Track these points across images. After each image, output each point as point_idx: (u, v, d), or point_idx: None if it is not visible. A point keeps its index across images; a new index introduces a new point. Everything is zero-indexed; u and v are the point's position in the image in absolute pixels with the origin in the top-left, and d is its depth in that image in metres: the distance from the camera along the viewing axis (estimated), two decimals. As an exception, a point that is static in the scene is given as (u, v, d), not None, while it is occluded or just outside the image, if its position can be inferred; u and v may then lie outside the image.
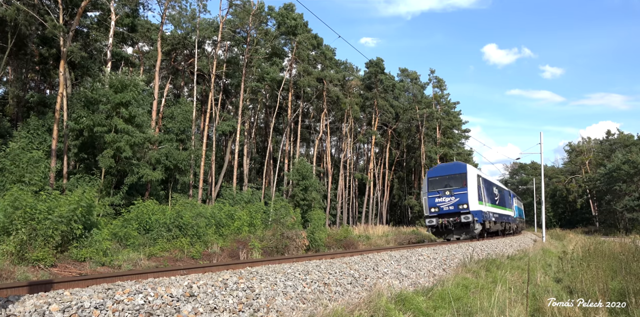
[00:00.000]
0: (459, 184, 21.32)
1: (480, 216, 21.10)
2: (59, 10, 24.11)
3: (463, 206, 20.70)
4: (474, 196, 20.90)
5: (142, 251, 13.99)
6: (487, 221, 22.59)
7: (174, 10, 35.50)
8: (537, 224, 59.75)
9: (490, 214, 23.63)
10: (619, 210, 63.17)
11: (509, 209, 31.61)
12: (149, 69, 38.33)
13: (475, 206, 20.82)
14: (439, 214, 21.36)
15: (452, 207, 20.99)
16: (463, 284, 9.56)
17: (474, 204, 20.78)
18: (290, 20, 41.50)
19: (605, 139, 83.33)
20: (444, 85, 67.37)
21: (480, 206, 21.37)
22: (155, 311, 4.75)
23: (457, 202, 20.91)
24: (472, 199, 20.80)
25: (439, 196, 21.42)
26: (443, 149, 60.62)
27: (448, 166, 23.14)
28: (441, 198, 21.37)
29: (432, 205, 21.58)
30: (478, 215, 20.85)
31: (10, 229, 11.50)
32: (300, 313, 6.03)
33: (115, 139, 19.98)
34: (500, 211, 27.09)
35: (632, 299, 7.96)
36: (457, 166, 22.53)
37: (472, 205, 20.69)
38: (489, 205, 23.57)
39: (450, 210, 21.05)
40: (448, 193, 21.25)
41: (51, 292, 4.85)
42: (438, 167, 23.77)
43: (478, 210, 20.93)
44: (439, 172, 22.56)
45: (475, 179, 21.49)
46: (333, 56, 51.43)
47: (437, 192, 21.55)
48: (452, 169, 22.35)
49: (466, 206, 20.68)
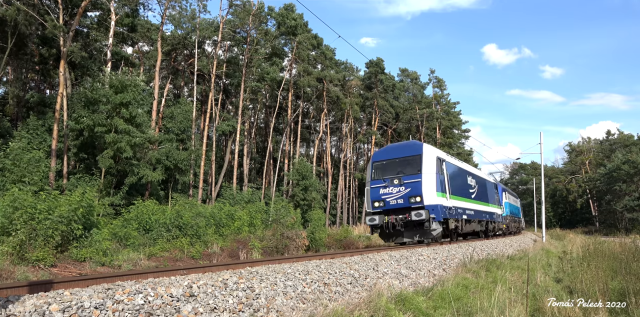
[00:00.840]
0: (413, 169, 16.32)
1: (441, 212, 16.03)
2: (59, 10, 24.12)
3: (415, 199, 15.80)
4: (431, 185, 15.98)
5: (142, 251, 13.99)
6: (453, 219, 17.53)
7: (174, 10, 35.53)
8: (537, 224, 59.75)
9: (458, 210, 18.40)
10: (619, 210, 63.20)
11: (494, 206, 26.19)
12: (149, 69, 38.33)
13: (432, 198, 15.88)
14: (385, 209, 16.41)
15: (402, 200, 16.07)
16: (463, 284, 9.56)
17: (431, 196, 15.87)
18: (290, 21, 41.51)
19: (605, 139, 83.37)
20: (444, 85, 67.45)
21: (441, 198, 16.38)
22: (155, 311, 4.75)
23: (408, 194, 15.98)
24: (428, 189, 15.88)
25: (385, 186, 16.42)
26: (443, 149, 60.62)
27: (399, 146, 18.19)
28: (388, 189, 16.39)
29: (376, 198, 16.58)
30: (437, 211, 15.78)
31: (10, 229, 11.50)
32: (300, 313, 6.03)
33: (116, 140, 19.98)
34: (477, 207, 21.63)
35: (632, 299, 7.96)
36: (411, 146, 17.52)
37: (427, 197, 15.79)
38: (457, 198, 18.48)
39: (399, 204, 16.13)
40: (397, 182, 16.19)
41: (51, 292, 4.85)
42: (387, 148, 18.55)
43: (437, 204, 15.85)
44: (387, 155, 17.43)
45: (433, 163, 16.49)
46: (333, 56, 51.45)
47: (383, 180, 16.50)
48: (404, 150, 17.28)
49: (419, 198, 15.75)
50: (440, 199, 16.32)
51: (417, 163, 16.35)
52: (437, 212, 15.82)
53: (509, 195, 35.79)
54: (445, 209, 16.62)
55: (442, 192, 16.75)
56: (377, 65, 52.11)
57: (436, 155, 17.04)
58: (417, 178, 16.02)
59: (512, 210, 35.84)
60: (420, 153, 16.53)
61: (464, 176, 20.58)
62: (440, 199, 16.32)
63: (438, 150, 18.29)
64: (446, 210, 16.70)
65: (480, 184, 23.15)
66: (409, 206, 15.97)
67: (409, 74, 62.49)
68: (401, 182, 16.20)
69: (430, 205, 15.76)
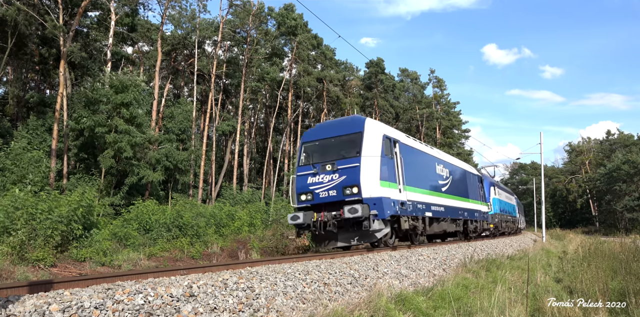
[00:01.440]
0: (350, 151, 12.45)
1: (387, 207, 11.98)
2: (59, 10, 24.13)
3: (351, 190, 11.96)
4: (373, 172, 12.03)
5: (142, 251, 14.00)
6: (408, 216, 13.45)
7: (174, 10, 35.58)
8: (537, 224, 59.76)
9: (419, 206, 14.35)
10: (619, 210, 63.22)
11: (477, 202, 21.83)
12: (149, 69, 38.35)
13: (374, 189, 11.89)
14: (314, 204, 12.46)
15: (334, 192, 12.21)
16: (463, 284, 9.57)
17: (372, 186, 11.89)
18: (290, 21, 41.52)
19: (605, 139, 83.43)
20: (444, 85, 67.52)
21: (388, 190, 12.35)
22: (155, 311, 4.75)
23: (342, 183, 12.12)
24: (369, 177, 11.95)
25: (315, 174, 12.50)
26: (443, 149, 60.66)
27: (337, 122, 14.08)
28: (318, 177, 12.48)
29: (303, 189, 12.63)
30: (380, 205, 11.75)
31: (11, 229, 11.51)
32: (300, 313, 6.03)
33: (116, 140, 20.00)
34: (450, 203, 17.64)
35: (632, 299, 7.96)
36: (350, 122, 13.45)
37: (367, 187, 11.83)
38: (418, 191, 14.48)
39: (332, 197, 12.24)
40: (330, 168, 12.33)
41: (51, 292, 4.85)
42: (322, 125, 14.54)
43: (380, 197, 11.84)
44: (320, 134, 13.45)
45: (379, 143, 12.45)
46: (333, 56, 51.46)
47: (313, 166, 12.60)
48: (342, 127, 13.27)
49: (356, 189, 11.88)
50: (387, 190, 12.26)
51: (357, 143, 12.37)
52: (381, 207, 11.72)
53: (501, 191, 31.77)
54: (395, 203, 12.55)
55: (391, 181, 12.65)
56: (377, 65, 52.13)
57: (383, 133, 12.84)
58: (354, 163, 12.04)
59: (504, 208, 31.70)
60: (361, 130, 12.50)
61: (431, 164, 16.53)
62: (387, 190, 12.26)
63: (389, 127, 14.07)
64: (396, 205, 12.58)
65: (455, 175, 19.12)
66: (343, 199, 12.05)
67: (409, 74, 62.53)
68: (334, 168, 12.23)
69: (370, 198, 11.74)
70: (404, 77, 62.84)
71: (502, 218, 29.76)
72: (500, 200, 30.55)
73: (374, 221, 11.71)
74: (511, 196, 38.52)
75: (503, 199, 32.00)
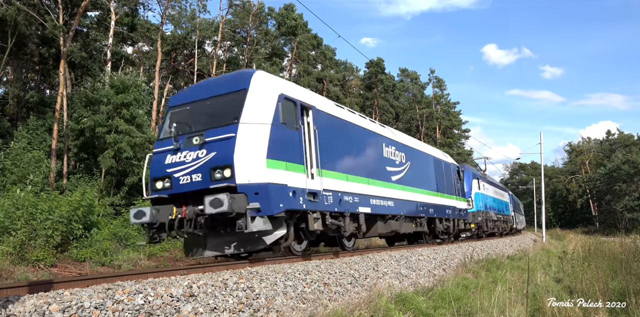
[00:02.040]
0: (227, 117, 8.73)
1: (277, 198, 8.32)
2: (59, 10, 24.13)
3: (222, 173, 8.23)
4: (257, 146, 8.32)
5: (142, 251, 13.99)
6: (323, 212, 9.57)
7: (173, 10, 35.57)
8: (537, 224, 59.76)
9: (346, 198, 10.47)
10: (619, 210, 63.25)
11: (449, 196, 18.21)
12: (149, 69, 38.36)
13: (257, 171, 8.17)
14: (172, 194, 8.72)
15: (199, 176, 8.44)
16: (463, 284, 9.57)
17: (253, 167, 8.18)
18: (290, 21, 41.54)
19: (605, 139, 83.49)
20: (444, 85, 67.56)
21: (287, 173, 8.66)
22: (155, 311, 4.75)
23: (210, 163, 8.38)
24: (249, 152, 8.26)
25: (175, 151, 8.80)
26: (443, 149, 60.66)
27: (217, 80, 10.05)
28: (180, 155, 8.74)
29: (159, 173, 8.92)
30: (266, 195, 8.10)
31: (11, 229, 11.51)
32: (300, 313, 6.03)
33: (117, 140, 20.01)
34: (403, 195, 13.66)
35: (632, 299, 7.97)
36: (233, 77, 9.60)
37: (244, 168, 8.14)
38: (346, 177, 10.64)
39: (196, 184, 8.46)
40: (197, 141, 8.60)
41: (51, 292, 4.86)
42: (199, 84, 10.47)
43: (267, 183, 8.15)
44: (193, 95, 9.67)
45: (271, 105, 8.72)
46: (333, 56, 51.48)
47: (175, 140, 8.84)
48: (222, 85, 9.39)
49: (228, 171, 8.18)
50: (282, 174, 8.44)
51: (237, 106, 8.52)
52: (266, 199, 7.97)
53: (488, 185, 27.74)
54: (299, 193, 8.75)
55: (292, 162, 8.79)
56: (377, 65, 52.15)
57: (281, 93, 8.86)
58: (228, 133, 8.24)
59: (492, 205, 27.54)
60: (246, 88, 8.68)
61: (374, 144, 12.56)
62: (282, 174, 8.44)
63: (297, 87, 10.16)
64: (301, 195, 8.80)
65: (417, 162, 15.49)
66: (210, 185, 8.16)
67: (409, 74, 62.56)
68: (202, 140, 8.42)
69: (249, 184, 7.97)
70: (404, 77, 62.87)
71: (487, 217, 25.52)
72: (487, 195, 26.41)
73: (253, 218, 7.86)
74: (503, 192, 34.39)
75: (491, 195, 27.89)
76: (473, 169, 26.87)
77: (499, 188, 33.31)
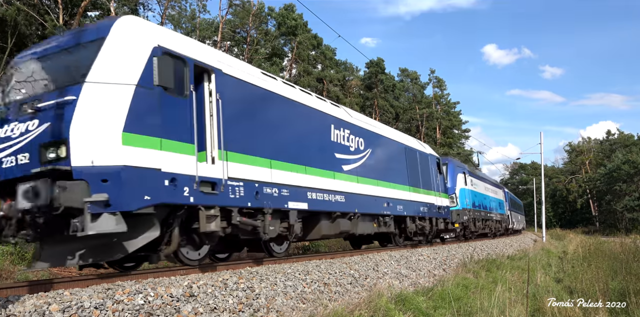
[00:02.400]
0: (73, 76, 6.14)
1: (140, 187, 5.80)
2: (59, 10, 24.15)
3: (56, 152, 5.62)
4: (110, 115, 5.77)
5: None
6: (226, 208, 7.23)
7: (173, 10, 35.59)
8: (537, 224, 59.76)
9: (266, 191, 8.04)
10: (619, 210, 63.26)
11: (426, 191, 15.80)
12: (149, 69, 38.35)
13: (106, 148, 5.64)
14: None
15: (26, 156, 5.84)
16: (463, 284, 9.57)
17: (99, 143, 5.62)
18: (290, 21, 41.55)
19: (605, 139, 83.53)
20: (444, 85, 67.54)
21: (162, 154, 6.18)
22: (155, 311, 4.75)
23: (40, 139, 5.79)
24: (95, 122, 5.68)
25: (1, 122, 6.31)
26: (443, 149, 60.66)
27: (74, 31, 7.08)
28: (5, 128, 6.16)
29: None
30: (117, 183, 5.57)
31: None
32: (300, 313, 6.03)
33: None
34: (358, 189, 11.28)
35: (632, 299, 7.97)
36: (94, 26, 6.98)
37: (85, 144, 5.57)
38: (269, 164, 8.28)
39: (22, 167, 5.82)
40: (28, 110, 5.99)
41: (51, 292, 4.86)
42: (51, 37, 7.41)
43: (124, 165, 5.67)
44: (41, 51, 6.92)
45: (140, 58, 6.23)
46: (333, 56, 51.47)
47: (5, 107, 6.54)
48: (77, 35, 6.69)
49: (63, 149, 5.56)
50: (151, 153, 6.12)
51: (88, 60, 6.13)
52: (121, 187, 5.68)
53: (477, 181, 25.03)
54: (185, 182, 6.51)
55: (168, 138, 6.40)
56: (377, 65, 52.15)
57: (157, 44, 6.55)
58: (68, 95, 5.86)
59: (482, 202, 25.12)
60: (104, 36, 6.29)
61: (316, 124, 10.18)
62: (151, 153, 6.12)
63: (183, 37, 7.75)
64: (188, 185, 6.55)
65: (382, 150, 13.14)
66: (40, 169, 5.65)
67: (409, 74, 62.57)
68: (35, 108, 6.07)
69: (94, 168, 5.61)
70: (404, 77, 62.87)
71: (476, 216, 22.83)
72: (475, 192, 23.72)
73: (98, 215, 5.53)
74: (497, 189, 31.52)
75: (481, 192, 25.34)
76: (458, 162, 24.09)
77: (492, 184, 30.27)
